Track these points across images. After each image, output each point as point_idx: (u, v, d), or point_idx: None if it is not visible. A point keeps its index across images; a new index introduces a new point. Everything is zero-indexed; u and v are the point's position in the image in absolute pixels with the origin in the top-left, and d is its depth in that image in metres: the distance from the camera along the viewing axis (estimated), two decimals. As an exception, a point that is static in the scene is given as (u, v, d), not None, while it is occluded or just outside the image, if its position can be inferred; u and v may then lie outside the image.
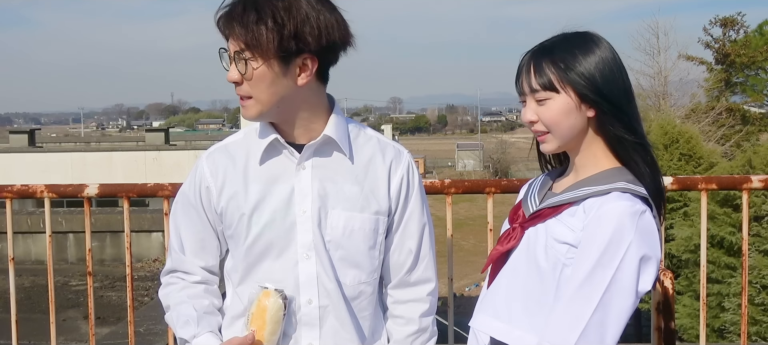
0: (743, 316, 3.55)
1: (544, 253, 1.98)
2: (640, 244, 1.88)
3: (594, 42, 2.00)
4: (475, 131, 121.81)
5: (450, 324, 3.59)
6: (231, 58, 2.04)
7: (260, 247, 2.13)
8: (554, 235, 1.98)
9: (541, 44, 2.03)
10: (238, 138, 2.24)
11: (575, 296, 1.89)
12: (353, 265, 2.17)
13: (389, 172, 2.20)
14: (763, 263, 13.43)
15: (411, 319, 2.28)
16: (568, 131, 1.99)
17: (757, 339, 13.24)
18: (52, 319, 3.67)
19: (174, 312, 2.21)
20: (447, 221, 3.50)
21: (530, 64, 2.00)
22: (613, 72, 1.97)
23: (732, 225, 14.21)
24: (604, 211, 1.90)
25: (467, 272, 35.94)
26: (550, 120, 1.99)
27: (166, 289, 2.27)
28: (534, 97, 2.00)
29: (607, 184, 1.95)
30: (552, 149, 2.04)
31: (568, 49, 1.98)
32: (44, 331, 3.74)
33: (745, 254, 3.52)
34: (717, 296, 14.58)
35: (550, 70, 1.97)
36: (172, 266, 2.28)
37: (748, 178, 3.42)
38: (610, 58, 1.98)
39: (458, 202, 46.78)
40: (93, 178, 12.73)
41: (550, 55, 1.98)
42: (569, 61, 1.96)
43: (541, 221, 2.03)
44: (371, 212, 2.16)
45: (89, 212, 3.56)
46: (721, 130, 31.87)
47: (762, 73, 38.93)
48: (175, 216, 2.28)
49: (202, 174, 2.20)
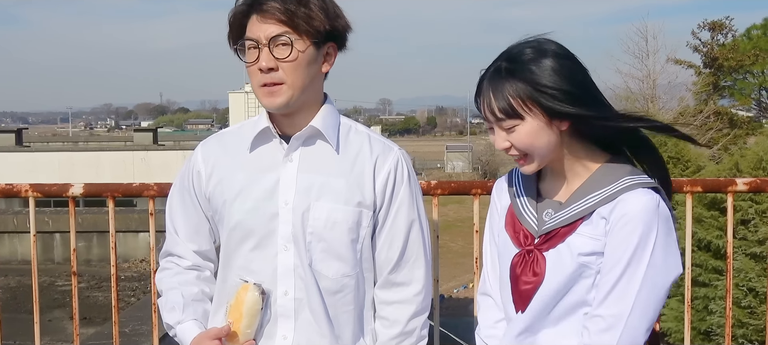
0: (727, 319, 3.56)
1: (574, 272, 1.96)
2: (664, 235, 1.90)
3: (547, 51, 1.92)
4: (465, 133, 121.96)
5: (436, 325, 3.59)
6: (262, 46, 2.06)
7: (240, 234, 2.15)
8: (581, 250, 1.95)
9: (496, 65, 1.95)
10: (234, 129, 2.32)
11: (612, 298, 1.91)
12: (336, 258, 2.17)
13: (375, 167, 2.20)
14: (749, 266, 13.48)
15: (396, 321, 2.26)
16: (546, 149, 1.95)
17: (743, 342, 13.29)
18: (36, 318, 3.65)
19: (164, 297, 2.27)
20: (433, 222, 3.50)
21: (489, 91, 1.93)
22: (574, 76, 1.91)
23: (719, 228, 14.24)
24: (626, 212, 1.90)
25: (456, 274, 35.95)
26: (523, 145, 1.94)
27: (161, 273, 2.33)
28: (500, 125, 1.94)
29: (612, 185, 1.94)
30: (534, 170, 2.00)
31: (523, 67, 1.89)
32: (30, 331, 3.72)
33: (729, 257, 3.53)
34: (703, 299, 14.63)
35: (510, 96, 1.89)
36: (167, 249, 2.33)
37: (732, 180, 3.43)
38: (566, 63, 1.91)
39: (447, 203, 46.82)
40: (81, 178, 12.69)
41: (508, 78, 1.90)
42: (528, 80, 1.88)
43: (560, 241, 1.98)
44: (354, 205, 2.16)
45: (74, 212, 3.54)
46: (709, 133, 31.99)
47: (750, 76, 39.20)
48: (171, 200, 2.33)
49: (195, 159, 2.27)
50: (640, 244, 1.88)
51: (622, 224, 1.89)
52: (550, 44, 1.93)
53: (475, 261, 3.53)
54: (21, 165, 22.12)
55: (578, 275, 1.96)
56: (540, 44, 1.93)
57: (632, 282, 1.89)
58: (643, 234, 1.88)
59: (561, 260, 1.97)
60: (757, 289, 13.29)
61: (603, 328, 1.91)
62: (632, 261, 1.89)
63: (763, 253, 13.01)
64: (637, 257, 1.88)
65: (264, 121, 2.17)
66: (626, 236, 1.89)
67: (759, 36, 39.79)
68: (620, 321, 1.89)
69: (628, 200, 1.90)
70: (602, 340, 1.91)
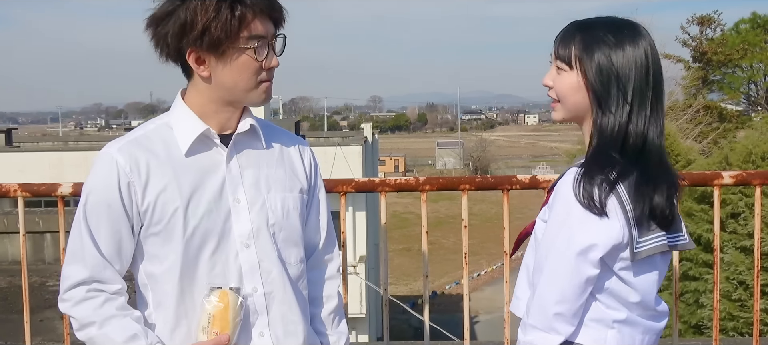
0: (715, 311, 3.58)
1: (535, 235, 2.14)
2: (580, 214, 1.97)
3: (630, 36, 2.05)
4: (455, 130, 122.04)
5: (425, 321, 3.60)
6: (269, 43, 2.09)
7: (198, 240, 2.08)
8: (542, 217, 2.13)
9: (587, 19, 2.12)
10: (146, 131, 2.15)
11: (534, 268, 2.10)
12: (294, 245, 2.23)
13: (300, 153, 2.30)
14: (739, 259, 13.54)
15: (331, 295, 2.38)
16: (574, 106, 2.09)
17: (734, 334, 13.35)
18: (26, 318, 3.65)
19: (106, 328, 2.05)
20: (422, 218, 3.52)
21: (565, 31, 2.10)
22: (635, 71, 2.02)
23: (709, 222, 14.29)
24: (558, 188, 2.05)
25: (448, 270, 35.97)
26: (560, 91, 2.11)
27: (83, 305, 2.07)
28: (556, 63, 2.11)
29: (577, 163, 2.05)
30: (558, 118, 2.16)
31: (601, 33, 2.04)
32: (21, 331, 3.72)
33: (716, 249, 3.56)
34: (694, 293, 14.68)
35: (574, 45, 2.06)
36: (88, 276, 2.08)
37: (718, 174, 3.45)
38: (638, 57, 2.03)
39: (438, 200, 46.86)
40: (71, 177, 12.68)
41: (583, 32, 2.06)
42: (593, 45, 2.03)
43: (545, 205, 2.15)
44: (297, 191, 2.24)
45: (63, 211, 3.54)
46: (699, 127, 32.06)
47: (739, 71, 39.26)
48: (86, 220, 2.08)
49: (119, 169, 2.05)
50: (555, 219, 2.02)
51: (553, 199, 2.06)
52: (635, 33, 2.06)
53: (464, 256, 3.54)
54: (11, 165, 22.02)
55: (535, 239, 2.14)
56: (635, 36, 2.05)
57: (543, 254, 2.04)
58: (558, 209, 2.02)
59: (538, 222, 2.16)
60: (747, 282, 13.35)
61: (529, 296, 2.11)
62: (547, 234, 2.04)
63: (752, 246, 13.06)
64: (551, 231, 2.03)
65: (198, 123, 2.11)
66: (552, 210, 2.05)
67: (747, 30, 39.82)
68: (534, 289, 2.06)
69: (565, 175, 2.05)
70: (528, 304, 2.10)
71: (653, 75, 2.04)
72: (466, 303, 3.61)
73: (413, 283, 34.95)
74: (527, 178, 3.47)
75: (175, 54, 2.07)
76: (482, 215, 45.40)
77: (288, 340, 2.19)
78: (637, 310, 2.08)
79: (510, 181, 3.47)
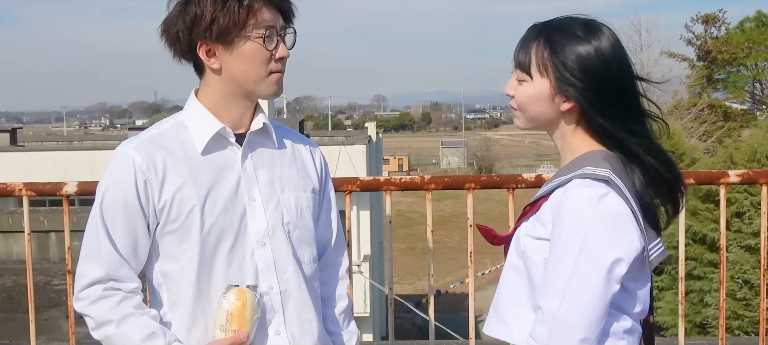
0: (721, 311, 3.57)
1: (522, 253, 1.95)
2: (600, 230, 1.81)
3: (592, 32, 1.91)
4: (460, 129, 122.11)
5: (431, 320, 3.60)
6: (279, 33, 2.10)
7: (215, 238, 2.08)
8: (530, 233, 1.94)
9: (544, 23, 1.97)
10: (162, 129, 2.15)
11: (546, 291, 1.86)
12: (307, 244, 2.24)
13: (311, 153, 2.31)
14: (744, 258, 13.52)
15: (341, 296, 2.39)
16: (537, 116, 1.96)
17: (739, 333, 13.33)
18: (31, 318, 3.65)
19: (123, 327, 2.04)
20: (427, 217, 3.51)
21: (522, 39, 1.97)
22: (605, 66, 1.88)
23: (714, 221, 14.27)
24: (561, 202, 1.86)
25: (452, 269, 35.96)
26: (520, 101, 1.97)
27: (99, 303, 2.05)
28: (516, 73, 1.97)
29: (572, 172, 1.89)
30: (521, 126, 2.02)
31: (560, 35, 1.91)
32: (25, 330, 3.72)
33: (722, 248, 3.55)
34: (699, 292, 14.66)
35: (534, 52, 1.91)
36: (104, 274, 2.06)
37: (725, 172, 3.44)
38: (606, 50, 1.89)
39: (443, 199, 46.83)
40: (76, 177, 12.67)
41: (541, 37, 1.92)
42: (556, 48, 1.89)
43: (525, 219, 1.99)
44: (310, 191, 2.25)
45: (68, 210, 3.54)
46: (703, 126, 32.07)
47: (743, 69, 39.22)
48: (102, 218, 2.07)
49: (136, 167, 2.05)
50: (570, 237, 1.82)
51: (557, 213, 1.87)
52: (601, 35, 1.91)
53: (470, 255, 3.54)
54: (16, 164, 22.06)
55: (527, 259, 1.94)
56: (590, 30, 1.91)
57: (560, 276, 1.83)
58: (573, 226, 1.82)
59: (519, 237, 1.98)
60: (752, 282, 13.33)
61: (539, 320, 1.87)
62: (562, 254, 1.84)
63: (758, 245, 13.04)
64: (567, 250, 1.83)
65: (213, 121, 2.13)
66: (560, 227, 1.85)
67: (752, 29, 39.78)
68: (550, 315, 1.84)
69: (568, 190, 1.86)
70: (538, 331, 1.87)
71: (628, 68, 1.93)
72: (471, 302, 3.61)
73: (417, 282, 34.97)
74: (533, 176, 3.46)
75: (186, 49, 2.08)
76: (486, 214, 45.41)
77: (304, 338, 2.20)
78: (637, 318, 1.99)
79: (515, 180, 3.46)
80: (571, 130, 1.96)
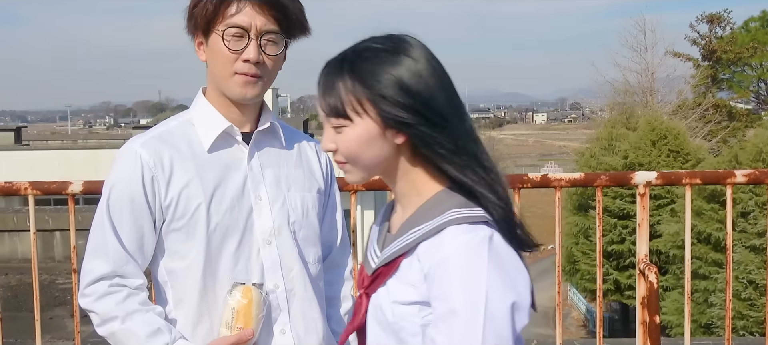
0: (727, 311, 3.56)
1: (390, 324, 1.63)
2: (499, 278, 1.54)
3: (402, 50, 1.62)
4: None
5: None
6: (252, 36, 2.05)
7: (220, 236, 2.08)
8: (397, 298, 1.61)
9: (340, 55, 1.66)
10: (169, 127, 2.14)
11: None
12: (312, 244, 2.24)
13: (317, 154, 2.30)
14: (749, 258, 13.50)
15: (345, 297, 2.39)
16: (373, 161, 1.65)
17: (744, 333, 13.30)
18: (37, 316, 3.66)
19: (128, 323, 2.02)
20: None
21: (323, 83, 1.65)
22: (428, 85, 1.60)
23: (719, 221, 14.25)
24: (444, 255, 1.55)
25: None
26: (347, 151, 1.64)
27: (105, 300, 2.03)
28: (329, 123, 1.65)
29: (435, 219, 1.59)
30: (357, 180, 1.70)
31: (367, 65, 1.61)
32: (31, 329, 3.72)
33: (728, 248, 3.54)
34: (704, 292, 14.65)
35: (345, 92, 1.60)
36: (110, 270, 2.04)
37: (731, 172, 3.43)
38: (422, 67, 1.60)
39: (447, 198, 46.72)
40: (80, 176, 12.64)
41: (346, 73, 1.61)
42: (367, 80, 1.59)
43: (381, 284, 1.66)
44: (315, 191, 2.25)
45: (73, 209, 3.54)
46: (708, 126, 32.02)
47: (748, 69, 39.20)
48: (108, 214, 2.06)
49: (143, 164, 2.05)
50: (468, 293, 1.52)
51: (440, 269, 1.55)
52: (408, 46, 1.63)
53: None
54: (20, 163, 22.10)
55: (399, 328, 1.62)
56: (396, 44, 1.63)
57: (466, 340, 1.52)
58: (467, 280, 1.52)
59: (380, 307, 1.65)
60: (757, 281, 13.32)
61: None
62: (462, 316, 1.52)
63: (762, 245, 13.02)
64: (468, 310, 1.51)
65: (220, 119, 2.12)
66: (447, 284, 1.53)
67: (757, 28, 39.74)
68: None
69: (447, 241, 1.56)
70: None
71: (447, 75, 1.66)
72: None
73: (421, 282, 34.87)
74: (538, 176, 3.46)
75: (191, 40, 2.15)
76: (490, 214, 45.35)
77: (309, 337, 2.20)
78: None
79: (521, 179, 3.46)
80: (411, 167, 1.66)
